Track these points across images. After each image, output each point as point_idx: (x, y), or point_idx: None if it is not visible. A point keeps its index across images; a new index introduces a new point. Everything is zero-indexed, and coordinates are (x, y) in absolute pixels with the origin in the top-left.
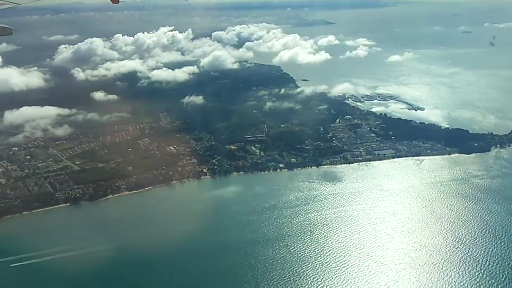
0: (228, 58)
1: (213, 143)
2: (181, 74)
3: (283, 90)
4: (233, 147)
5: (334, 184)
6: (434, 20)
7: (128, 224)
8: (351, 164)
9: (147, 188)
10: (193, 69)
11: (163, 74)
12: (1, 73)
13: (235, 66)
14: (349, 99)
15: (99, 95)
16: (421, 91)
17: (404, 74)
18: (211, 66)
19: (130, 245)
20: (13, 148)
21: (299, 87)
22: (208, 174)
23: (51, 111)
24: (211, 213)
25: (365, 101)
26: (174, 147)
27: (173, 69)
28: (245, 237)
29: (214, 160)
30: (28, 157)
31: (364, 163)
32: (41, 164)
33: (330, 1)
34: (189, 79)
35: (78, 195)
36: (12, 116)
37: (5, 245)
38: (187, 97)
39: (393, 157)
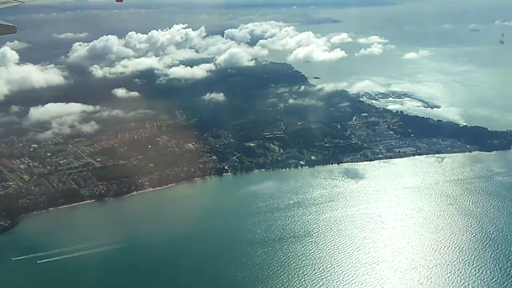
0: (244, 55)
1: (232, 140)
2: (199, 72)
3: (296, 88)
4: (251, 144)
5: (357, 181)
6: (442, 18)
7: (155, 220)
8: (371, 162)
9: (170, 185)
10: (210, 66)
11: (181, 71)
12: (21, 70)
13: (251, 63)
14: (364, 97)
15: (120, 92)
16: (435, 88)
17: (417, 71)
18: (227, 63)
19: (158, 241)
20: (33, 145)
21: (312, 85)
22: (229, 171)
23: (76, 107)
24: (235, 209)
25: (380, 99)
26: (193, 144)
27: (190, 66)
28: (273, 234)
29: (234, 157)
30: (49, 154)
31: (384, 160)
32: (63, 161)
33: None
34: (208, 77)
35: (102, 191)
36: (38, 112)
37: (32, 241)
38: (208, 94)
39: (414, 155)
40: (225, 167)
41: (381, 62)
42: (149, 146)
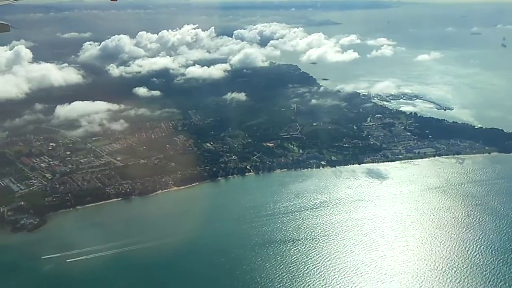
0: (258, 56)
1: (249, 140)
2: (216, 72)
3: (306, 89)
4: (270, 144)
5: (381, 182)
6: (441, 22)
7: (183, 219)
8: (392, 162)
9: (194, 184)
10: (226, 66)
11: (198, 71)
12: (39, 68)
13: (266, 64)
14: (375, 98)
15: (142, 91)
16: (445, 90)
17: (426, 74)
18: (242, 63)
19: (187, 240)
20: (51, 144)
21: (321, 86)
22: (251, 170)
23: (102, 106)
24: (263, 209)
25: (391, 100)
26: (211, 144)
27: (207, 66)
28: (303, 232)
29: (254, 157)
30: (68, 152)
31: (405, 161)
32: (84, 160)
33: (332, 2)
34: (225, 77)
35: (128, 190)
36: (65, 110)
37: (62, 239)
38: (229, 93)
39: (434, 156)
40: (247, 167)
41: (392, 64)
42: (168, 146)
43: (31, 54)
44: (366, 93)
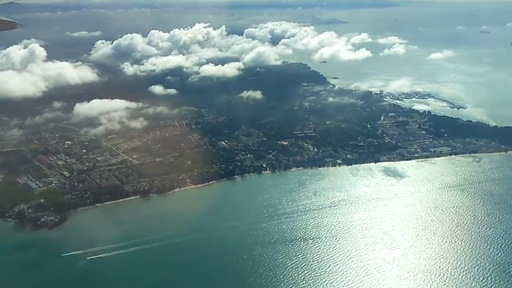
0: (271, 55)
1: (264, 139)
2: (230, 70)
3: (317, 87)
4: (284, 143)
5: (399, 180)
6: (449, 20)
7: (202, 216)
8: (408, 161)
9: (211, 182)
10: (239, 65)
11: (212, 70)
12: (55, 66)
13: (278, 63)
14: (387, 97)
15: (158, 89)
16: (457, 89)
17: (438, 72)
18: (255, 62)
19: (206, 237)
20: (66, 142)
21: (332, 84)
22: (267, 169)
23: (120, 104)
24: (280, 206)
25: (404, 99)
26: (226, 142)
27: (221, 65)
28: (324, 230)
29: (270, 156)
30: (84, 150)
31: (421, 160)
32: (100, 158)
33: (338, 0)
34: (239, 75)
35: (146, 188)
36: (84, 108)
37: (82, 237)
38: (245, 92)
39: (450, 154)
40: (263, 165)
41: (405, 62)
42: (182, 144)
43: (45, 52)
44: (378, 92)
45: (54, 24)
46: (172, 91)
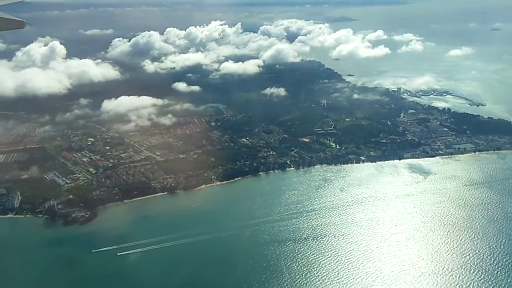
0: (290, 52)
1: (285, 136)
2: (251, 67)
3: (332, 84)
4: (306, 140)
5: (425, 177)
6: (459, 18)
7: (231, 212)
8: (432, 158)
9: (236, 179)
10: (258, 62)
11: (232, 67)
12: (78, 63)
13: (297, 60)
14: (405, 94)
15: (181, 86)
16: (474, 86)
17: (459, 69)
18: (273, 59)
19: (238, 233)
20: (89, 139)
21: (347, 82)
22: (292, 165)
23: (147, 101)
24: (308, 203)
25: (422, 96)
26: (247, 139)
27: (242, 62)
28: (355, 227)
29: (292, 152)
30: (107, 147)
31: (445, 157)
32: (124, 155)
33: None
34: (259, 72)
35: (173, 184)
36: (112, 105)
37: (112, 233)
38: (268, 88)
39: (473, 151)
40: (287, 162)
41: (424, 59)
42: (204, 141)
43: (64, 50)
44: (396, 89)
45: (64, 22)
46: (196, 88)
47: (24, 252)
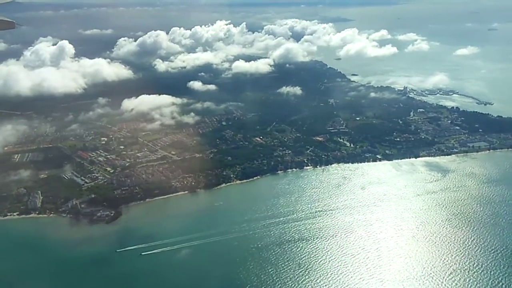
0: (299, 51)
1: (298, 134)
2: (262, 66)
3: (337, 83)
4: (319, 139)
5: (445, 175)
6: (454, 18)
7: (254, 211)
8: (448, 156)
9: (255, 177)
10: (269, 61)
11: (244, 66)
12: (92, 63)
13: (306, 59)
14: (411, 93)
15: (197, 85)
16: (479, 85)
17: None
18: (283, 59)
19: (264, 232)
20: (102, 138)
21: (352, 81)
22: (309, 164)
23: (167, 99)
24: (330, 201)
25: (428, 95)
26: (261, 138)
27: (251, 61)
28: (385, 223)
29: (308, 151)
30: (122, 147)
31: (461, 155)
32: (140, 154)
33: None
34: (270, 71)
35: (193, 183)
36: (132, 104)
37: (136, 232)
38: (284, 87)
39: (488, 149)
40: (304, 160)
41: (431, 59)
42: (217, 140)
43: (73, 50)
44: (402, 88)
45: (61, 22)
46: (211, 87)
47: (52, 251)
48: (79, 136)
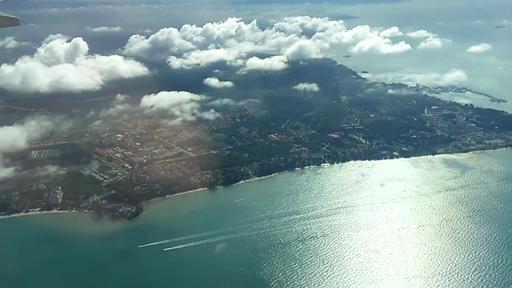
0: (313, 48)
1: (313, 131)
2: (277, 63)
3: (348, 80)
4: (334, 136)
5: (464, 172)
6: (458, 15)
7: (275, 207)
8: (465, 153)
9: (273, 174)
10: (282, 58)
11: (259, 63)
12: (108, 60)
13: (320, 56)
14: (423, 90)
15: (213, 82)
16: (491, 82)
17: (475, 65)
18: (296, 56)
19: (287, 228)
20: (118, 135)
21: (363, 78)
22: (326, 161)
23: (185, 96)
24: (351, 198)
25: (441, 92)
26: (276, 135)
27: (265, 58)
28: (408, 221)
29: (324, 148)
30: (138, 143)
31: (478, 152)
32: (156, 150)
33: None
34: (285, 68)
35: (212, 180)
36: (151, 101)
37: (157, 228)
38: (300, 84)
39: (505, 146)
40: (322, 157)
41: (444, 56)
42: (233, 137)
43: (87, 47)
44: (414, 85)
45: (68, 20)
46: (228, 83)
47: (75, 246)
48: (94, 132)
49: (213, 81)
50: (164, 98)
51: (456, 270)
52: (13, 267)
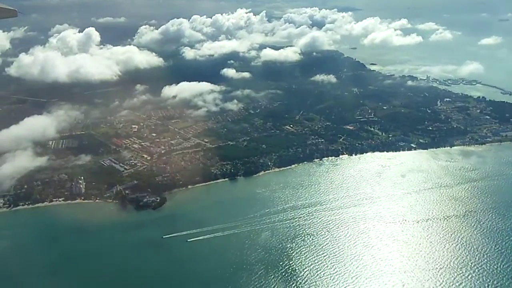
0: (325, 40)
1: (328, 123)
2: (292, 55)
3: (359, 73)
4: (350, 127)
5: (484, 163)
6: (463, 7)
7: (296, 199)
8: (482, 145)
9: (292, 165)
10: (295, 49)
11: (273, 54)
12: (124, 50)
13: (332, 47)
14: (434, 82)
15: (231, 72)
16: (504, 75)
17: (488, 58)
18: (310, 47)
19: (310, 219)
20: (133, 126)
21: (372, 70)
22: (345, 152)
23: (206, 86)
24: (372, 190)
25: (452, 84)
26: (291, 127)
27: (277, 49)
28: (433, 212)
29: (341, 140)
30: (154, 134)
31: (495, 143)
32: (174, 141)
33: None
34: (299, 60)
35: (232, 171)
36: (173, 91)
37: (181, 219)
38: (317, 75)
39: None
40: (339, 149)
41: (455, 48)
42: (248, 129)
43: (99, 37)
44: (425, 78)
45: (71, 10)
46: (246, 74)
47: (101, 235)
48: (109, 123)
49: (230, 72)
50: (185, 89)
51: (485, 261)
52: (43, 256)
